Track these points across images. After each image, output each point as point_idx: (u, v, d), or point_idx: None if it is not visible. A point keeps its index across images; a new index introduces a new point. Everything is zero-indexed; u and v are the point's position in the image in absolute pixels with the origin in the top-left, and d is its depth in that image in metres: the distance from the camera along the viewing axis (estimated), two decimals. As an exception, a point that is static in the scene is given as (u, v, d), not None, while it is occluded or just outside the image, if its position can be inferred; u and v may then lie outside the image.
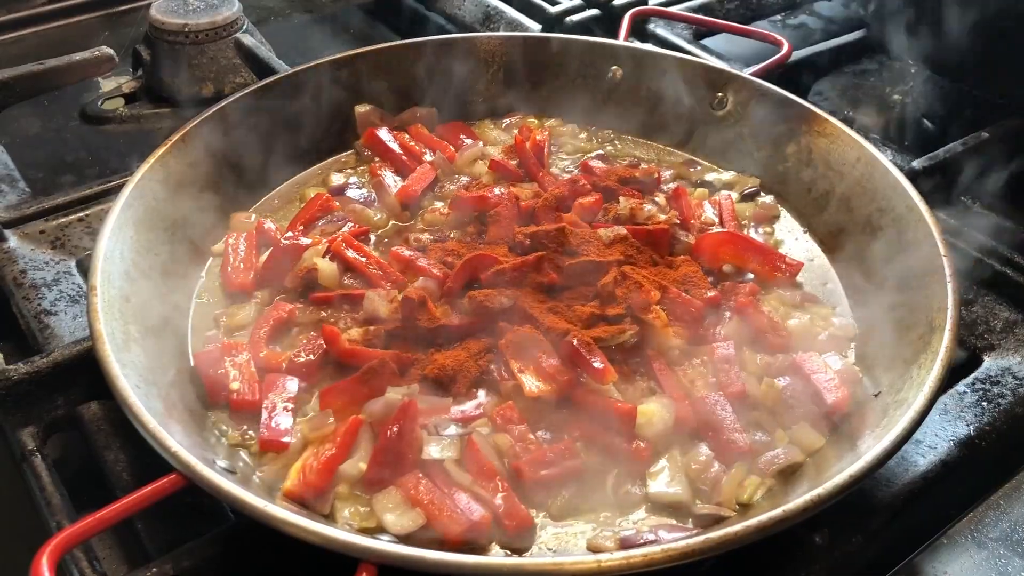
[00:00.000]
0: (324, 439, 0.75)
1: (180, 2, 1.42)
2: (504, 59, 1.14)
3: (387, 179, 1.04)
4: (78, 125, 1.40)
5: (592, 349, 0.80)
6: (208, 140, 0.98)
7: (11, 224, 1.05)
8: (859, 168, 0.96)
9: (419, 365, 0.82)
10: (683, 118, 1.11)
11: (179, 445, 0.66)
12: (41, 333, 0.93)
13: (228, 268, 0.92)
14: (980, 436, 0.85)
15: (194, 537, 0.74)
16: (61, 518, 0.77)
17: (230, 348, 0.83)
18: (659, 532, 0.71)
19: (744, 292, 0.90)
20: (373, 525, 0.71)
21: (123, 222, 0.85)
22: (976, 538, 0.80)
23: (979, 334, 0.95)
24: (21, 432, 0.83)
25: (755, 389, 0.82)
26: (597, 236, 0.93)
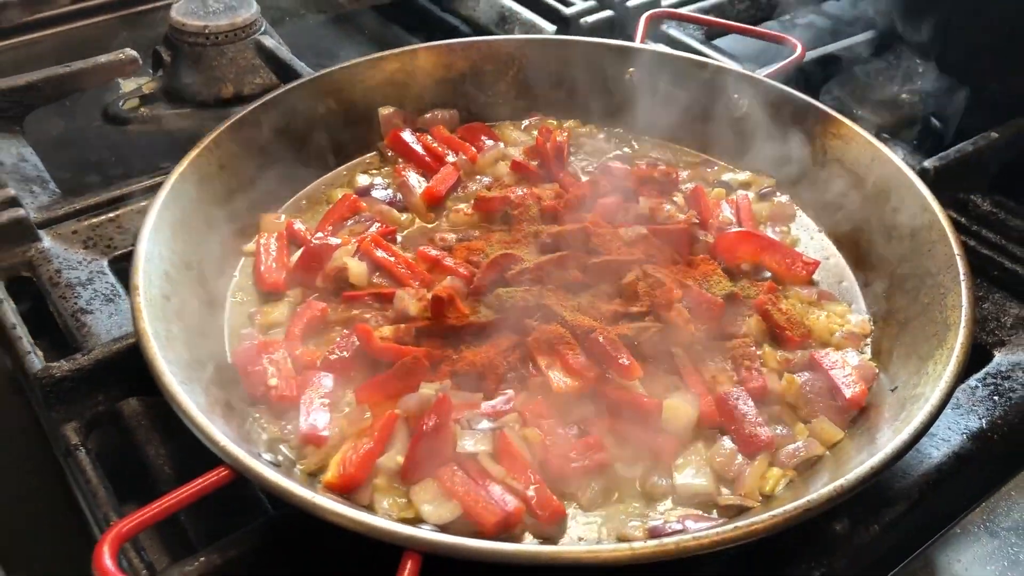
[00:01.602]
0: (361, 433, 0.78)
1: (200, 4, 1.45)
2: (523, 61, 1.16)
3: (411, 180, 1.06)
4: (100, 125, 1.42)
5: (618, 346, 0.83)
6: (237, 143, 1.01)
7: (44, 225, 1.07)
8: (874, 169, 0.99)
9: (449, 362, 0.85)
10: (699, 119, 1.13)
11: (228, 440, 0.68)
12: (79, 331, 0.95)
13: (261, 267, 0.95)
14: (992, 429, 0.87)
15: (233, 528, 0.77)
16: (107, 510, 0.80)
17: (266, 345, 0.86)
18: (686, 522, 0.74)
19: (762, 290, 0.93)
20: (411, 515, 0.73)
21: (160, 224, 0.88)
22: (989, 528, 0.82)
23: (990, 330, 0.98)
24: (65, 427, 0.86)
25: (775, 384, 0.84)
26: (619, 236, 0.96)
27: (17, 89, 1.23)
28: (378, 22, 1.66)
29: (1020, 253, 1.05)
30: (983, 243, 1.07)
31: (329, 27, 1.69)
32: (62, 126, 1.41)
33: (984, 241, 1.07)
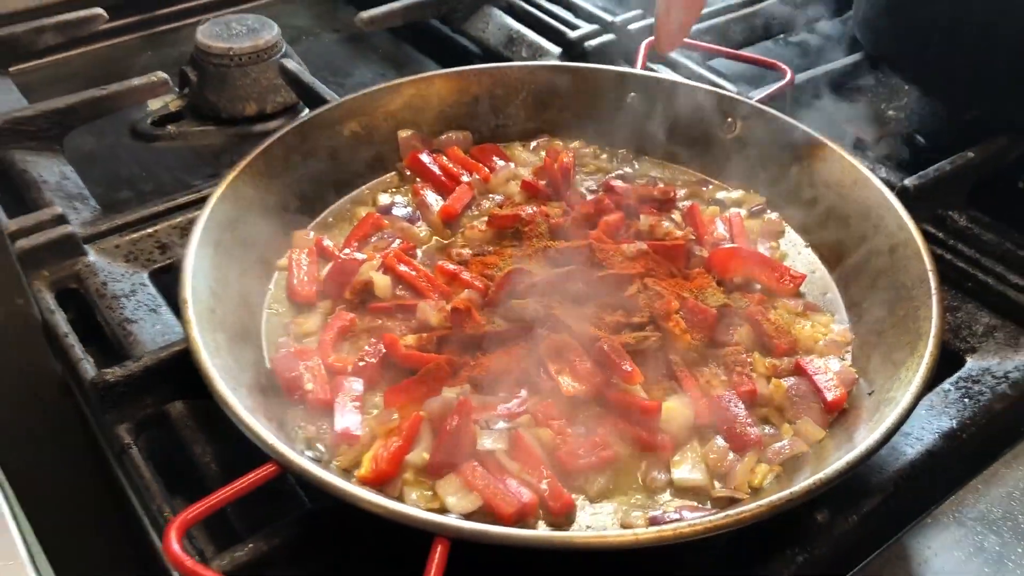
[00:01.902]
0: (390, 432, 0.86)
1: (224, 27, 1.53)
2: (532, 86, 1.24)
3: (429, 198, 1.14)
4: (130, 142, 1.50)
5: (621, 353, 0.91)
6: (270, 165, 1.08)
7: (89, 240, 1.15)
8: (855, 189, 1.07)
9: (468, 368, 0.93)
10: (696, 140, 1.21)
11: (275, 439, 0.77)
12: (126, 339, 1.03)
13: (293, 281, 1.03)
14: (962, 429, 0.95)
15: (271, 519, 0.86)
16: (160, 502, 0.88)
17: (301, 353, 0.94)
18: (683, 512, 0.82)
19: (753, 301, 1.01)
20: (437, 506, 0.81)
21: (203, 242, 0.96)
22: (957, 518, 0.90)
23: (963, 337, 1.06)
24: (119, 428, 0.94)
25: (764, 388, 0.92)
26: (621, 251, 1.04)
27: (58, 111, 1.31)
28: (391, 41, 1.73)
29: (991, 266, 1.13)
30: (959, 256, 1.15)
31: (344, 45, 1.77)
32: (93, 143, 1.48)
33: (959, 255, 1.15)
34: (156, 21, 1.80)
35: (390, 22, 1.55)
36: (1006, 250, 1.14)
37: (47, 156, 1.30)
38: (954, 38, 1.27)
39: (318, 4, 1.88)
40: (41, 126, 1.30)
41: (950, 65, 1.30)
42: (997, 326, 1.07)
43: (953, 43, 1.28)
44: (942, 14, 1.27)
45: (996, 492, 0.92)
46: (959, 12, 1.25)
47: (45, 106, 1.31)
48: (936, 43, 1.30)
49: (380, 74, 1.67)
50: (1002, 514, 0.90)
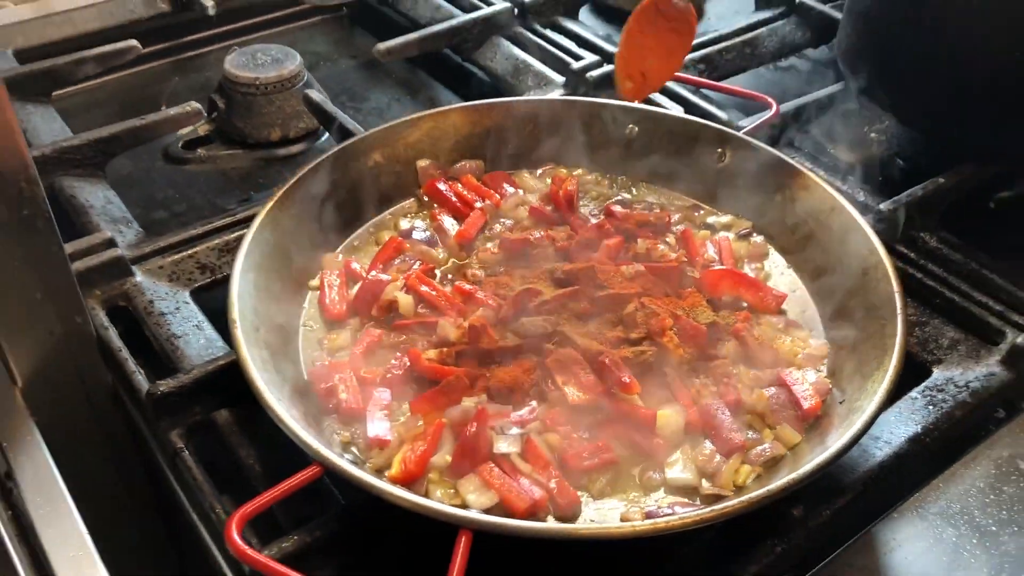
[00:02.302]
0: (416, 437, 0.97)
1: (250, 57, 1.64)
2: (539, 119, 1.34)
3: (446, 223, 1.25)
4: (163, 165, 1.61)
5: (620, 366, 1.02)
6: (302, 194, 1.19)
7: (136, 261, 1.25)
8: (833, 216, 1.17)
9: (483, 379, 1.03)
10: (689, 168, 1.31)
11: (319, 444, 0.88)
12: (173, 353, 1.14)
13: (325, 300, 1.14)
14: (926, 433, 1.04)
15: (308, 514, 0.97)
16: (212, 500, 0.99)
17: (335, 366, 1.05)
18: (675, 507, 0.93)
19: (739, 318, 1.11)
20: (459, 503, 0.92)
21: (246, 268, 1.06)
22: (920, 513, 1.00)
23: (930, 350, 1.17)
24: (171, 434, 1.05)
25: (748, 397, 1.02)
26: (620, 272, 1.14)
27: (101, 140, 1.42)
28: (405, 67, 1.84)
29: (957, 284, 1.23)
30: (928, 275, 1.25)
31: (360, 71, 1.88)
32: (130, 166, 1.58)
33: (929, 274, 1.25)
34: (183, 48, 1.91)
35: (406, 53, 1.65)
36: (971, 269, 1.25)
37: (92, 182, 1.40)
38: (927, 72, 1.38)
39: (336, 31, 1.99)
40: (86, 154, 1.40)
41: (923, 97, 1.40)
42: (960, 340, 1.17)
43: (926, 77, 1.38)
44: (916, 50, 1.37)
45: (955, 490, 1.02)
46: (932, 49, 1.35)
47: (89, 136, 1.41)
48: (910, 76, 1.41)
49: (395, 99, 1.78)
50: (959, 509, 1.00)
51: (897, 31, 1.39)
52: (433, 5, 1.83)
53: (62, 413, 1.14)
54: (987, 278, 1.24)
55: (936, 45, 1.35)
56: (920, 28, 1.34)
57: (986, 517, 0.99)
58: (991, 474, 1.04)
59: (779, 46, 1.75)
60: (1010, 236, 1.42)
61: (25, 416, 1.09)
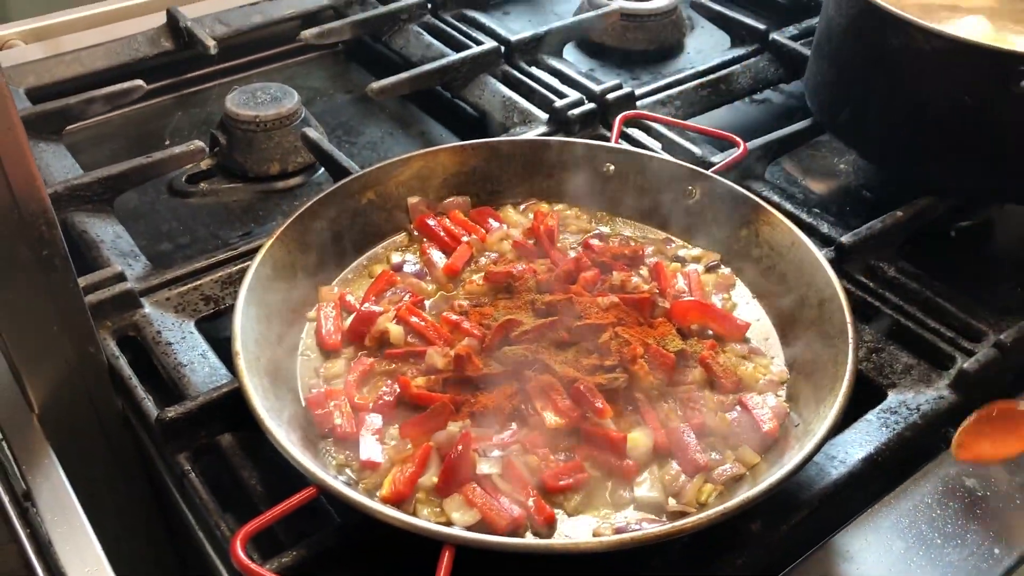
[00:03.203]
0: (405, 460, 1.05)
1: (250, 96, 1.73)
2: (522, 157, 1.43)
3: (435, 257, 1.34)
4: (167, 198, 1.69)
5: (594, 392, 1.10)
6: (299, 231, 1.27)
7: (144, 293, 1.33)
8: (793, 250, 1.26)
9: (468, 404, 1.11)
10: (662, 204, 1.40)
11: (316, 467, 0.96)
12: (180, 381, 1.22)
13: (322, 331, 1.22)
14: (878, 453, 1.12)
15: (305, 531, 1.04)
16: (217, 519, 1.07)
17: (331, 393, 1.13)
18: (643, 523, 1.00)
19: (706, 347, 1.19)
20: (444, 520, 0.99)
21: (248, 302, 1.15)
22: (873, 526, 1.06)
23: (885, 374, 1.25)
24: (179, 457, 1.13)
25: (711, 421, 1.09)
26: (596, 303, 1.22)
27: (111, 177, 1.50)
28: (397, 102, 1.92)
29: (913, 312, 1.31)
30: (886, 304, 1.34)
31: (355, 105, 1.96)
32: (136, 199, 1.66)
33: (887, 302, 1.34)
34: (186, 84, 1.99)
35: (398, 91, 1.74)
36: (926, 297, 1.33)
37: (102, 217, 1.48)
38: (886, 112, 1.47)
39: (332, 67, 2.08)
40: (96, 191, 1.48)
41: (883, 135, 1.50)
42: (913, 365, 1.25)
43: (885, 116, 1.47)
44: (876, 91, 1.47)
45: (904, 506, 1.10)
46: (890, 90, 1.44)
47: (99, 174, 1.49)
48: (871, 115, 1.50)
49: (388, 133, 1.87)
50: (908, 524, 1.08)
51: (859, 73, 1.49)
52: (424, 43, 1.92)
53: (76, 437, 1.22)
54: (940, 306, 1.32)
55: (894, 87, 1.44)
56: (879, 71, 1.43)
57: (933, 531, 1.07)
58: (939, 491, 1.12)
59: (752, 82, 1.84)
60: (968, 264, 1.51)
61: (42, 440, 1.17)
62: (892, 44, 1.40)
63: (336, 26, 1.93)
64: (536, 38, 1.86)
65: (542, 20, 2.14)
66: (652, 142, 1.62)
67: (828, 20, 1.55)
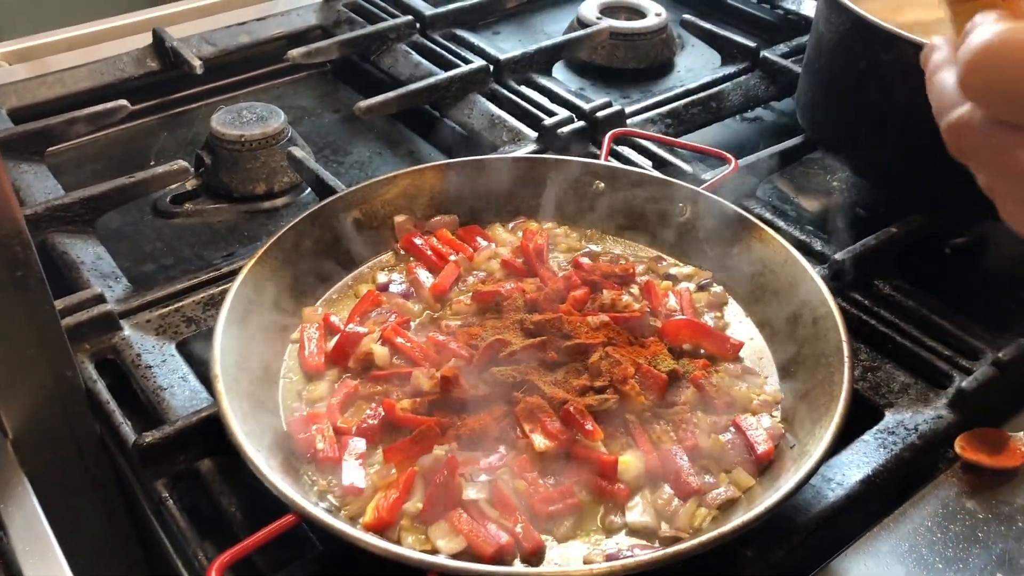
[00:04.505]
0: (389, 485, 1.02)
1: (235, 115, 1.71)
2: (510, 174, 1.41)
3: (421, 276, 1.31)
4: (151, 219, 1.66)
5: (584, 414, 1.07)
6: (283, 251, 1.24)
7: (124, 315, 1.30)
8: (786, 268, 1.24)
9: (455, 428, 1.08)
10: (652, 222, 1.38)
11: (295, 493, 0.93)
12: (159, 405, 1.18)
13: (305, 353, 1.19)
14: (876, 475, 1.09)
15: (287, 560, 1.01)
16: (195, 547, 1.03)
17: (313, 417, 1.10)
18: (635, 550, 0.97)
19: (698, 366, 1.16)
20: (429, 548, 0.96)
21: (229, 323, 1.12)
22: (871, 551, 1.04)
23: (882, 394, 1.22)
24: (156, 483, 1.10)
25: (705, 443, 1.06)
26: (586, 322, 1.20)
27: (93, 197, 1.48)
28: (385, 122, 1.90)
29: (909, 330, 1.29)
30: (881, 321, 1.32)
31: (343, 124, 1.94)
32: (119, 220, 1.64)
33: (882, 320, 1.32)
34: (172, 104, 1.97)
35: (386, 110, 1.72)
36: (922, 315, 1.31)
37: (82, 238, 1.46)
38: (877, 128, 1.45)
39: (320, 86, 2.06)
40: (77, 212, 1.46)
41: (877, 152, 1.48)
42: (911, 384, 1.23)
43: (877, 133, 1.46)
44: (867, 108, 1.45)
45: (904, 529, 1.07)
46: (881, 106, 1.43)
47: (80, 194, 1.47)
48: (863, 132, 1.49)
49: (377, 153, 1.85)
50: (908, 547, 1.05)
51: (849, 89, 1.47)
52: (412, 63, 1.91)
53: (52, 464, 1.19)
54: (937, 324, 1.29)
55: (887, 102, 1.42)
56: (871, 87, 1.42)
57: (933, 555, 1.04)
58: (939, 513, 1.09)
59: (743, 100, 1.83)
60: (963, 280, 1.49)
61: (15, 467, 1.13)
62: (883, 59, 1.38)
63: (323, 45, 1.92)
64: (525, 57, 1.85)
65: (532, 40, 2.13)
66: (642, 160, 1.60)
67: (818, 36, 1.53)
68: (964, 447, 1.13)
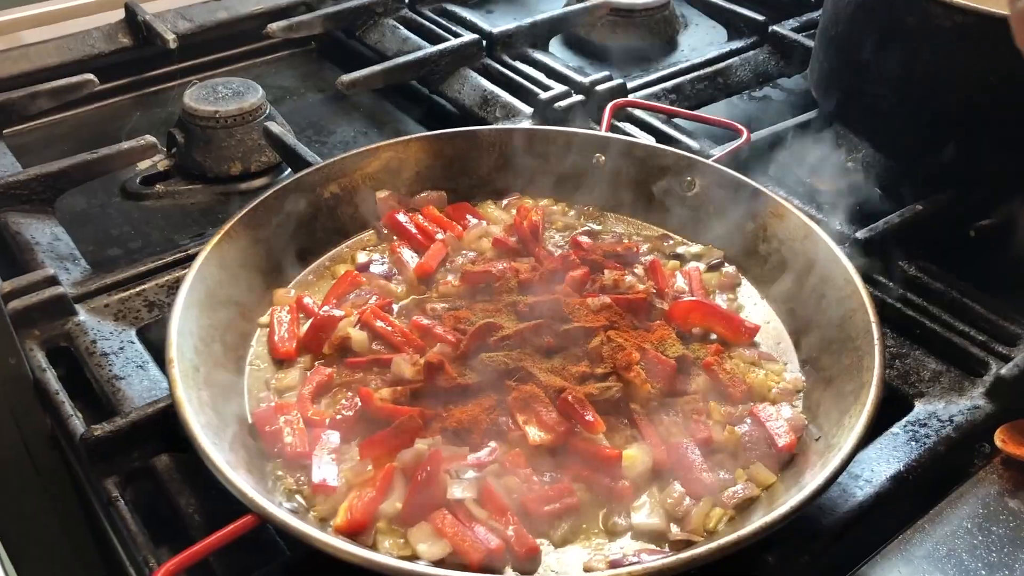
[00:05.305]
0: (365, 483, 0.91)
1: (210, 91, 1.60)
2: (503, 148, 1.30)
3: (405, 256, 1.20)
4: (120, 201, 1.55)
5: (584, 404, 0.97)
6: (253, 227, 1.14)
7: (79, 299, 1.19)
8: (806, 244, 1.13)
9: (440, 419, 0.98)
10: (657, 197, 1.27)
11: (254, 492, 0.81)
12: (114, 396, 1.07)
13: (275, 338, 1.08)
14: (909, 471, 0.99)
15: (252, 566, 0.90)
16: (146, 553, 0.92)
17: (282, 408, 0.99)
18: (641, 555, 0.86)
19: (710, 352, 1.06)
20: (408, 554, 0.85)
21: (189, 303, 1.01)
22: (905, 556, 0.95)
23: (911, 383, 1.12)
24: (106, 481, 0.98)
25: (719, 435, 0.97)
26: (586, 305, 1.09)
27: (50, 175, 1.37)
28: (372, 100, 1.79)
29: (938, 314, 1.19)
30: (908, 305, 1.21)
31: (327, 104, 1.84)
32: (85, 202, 1.53)
33: (909, 303, 1.21)
34: (145, 83, 1.86)
35: (371, 84, 1.61)
36: (952, 298, 1.20)
37: (39, 218, 1.35)
38: (900, 97, 1.35)
39: (303, 65, 1.96)
40: (34, 189, 1.35)
41: (897, 123, 1.37)
42: (943, 372, 1.12)
43: (900, 102, 1.35)
44: (889, 75, 1.34)
45: (941, 531, 0.96)
46: (905, 73, 1.32)
47: (37, 170, 1.36)
48: (884, 102, 1.38)
49: (362, 132, 1.74)
50: (946, 552, 0.94)
51: (870, 57, 1.36)
52: (400, 38, 1.80)
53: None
54: (968, 307, 1.19)
55: (910, 69, 1.32)
56: (893, 53, 1.31)
57: (975, 560, 0.94)
58: (979, 513, 0.98)
59: (752, 75, 1.73)
60: (989, 265, 1.38)
61: (-47, 465, 1.02)
62: (907, 23, 1.28)
63: (306, 19, 1.81)
64: (520, 30, 1.75)
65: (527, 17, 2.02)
66: (646, 137, 1.49)
67: (835, 2, 1.43)
68: (1005, 440, 1.03)
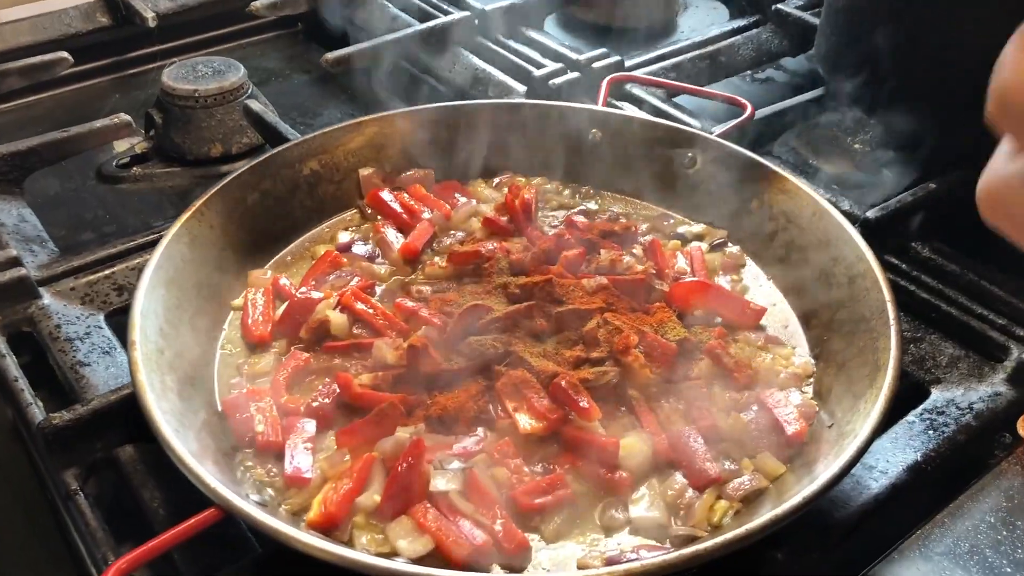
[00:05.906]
0: (341, 474, 0.84)
1: (189, 69, 1.53)
2: (493, 123, 1.24)
3: (390, 236, 1.13)
4: (95, 184, 1.49)
5: (579, 390, 0.90)
6: (227, 204, 1.08)
7: (44, 282, 1.13)
8: (815, 222, 1.07)
9: (423, 406, 0.91)
10: (657, 175, 1.21)
11: (218, 483, 0.75)
12: (77, 383, 1.01)
13: (248, 321, 1.01)
14: (926, 462, 0.93)
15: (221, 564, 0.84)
16: (106, 550, 0.86)
17: (253, 394, 0.92)
18: (640, 551, 0.80)
19: (713, 335, 1.00)
20: (387, 550, 0.79)
21: (155, 283, 0.95)
22: (924, 552, 0.89)
23: (927, 369, 1.05)
24: (65, 473, 0.92)
25: (723, 423, 0.90)
26: (581, 286, 1.03)
27: (18, 153, 1.30)
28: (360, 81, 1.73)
29: (955, 296, 1.12)
30: (922, 287, 1.14)
31: (313, 86, 1.78)
32: (58, 186, 1.47)
33: (923, 285, 1.15)
34: (125, 64, 1.80)
35: (358, 62, 1.55)
36: (969, 281, 1.14)
37: (6, 199, 1.29)
38: (911, 72, 1.28)
39: (289, 47, 1.90)
40: (1, 169, 1.29)
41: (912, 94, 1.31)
42: (961, 357, 1.06)
43: (910, 77, 1.29)
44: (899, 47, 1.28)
45: (962, 526, 0.90)
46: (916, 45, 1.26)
47: (5, 148, 1.30)
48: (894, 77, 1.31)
49: (349, 113, 1.68)
50: (968, 548, 0.88)
51: (879, 28, 1.30)
52: (390, 16, 1.73)
53: (-50, 453, 1.01)
54: (987, 289, 1.13)
55: (923, 33, 1.26)
56: (905, 17, 1.25)
57: (999, 556, 0.88)
58: (1002, 507, 0.92)
59: (754, 54, 1.66)
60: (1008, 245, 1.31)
61: (-97, 457, 0.96)
62: (917, -8, 1.21)
63: (291, -4, 1.74)
64: (514, 7, 1.68)
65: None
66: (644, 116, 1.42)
67: (842, -27, 1.36)
68: None
